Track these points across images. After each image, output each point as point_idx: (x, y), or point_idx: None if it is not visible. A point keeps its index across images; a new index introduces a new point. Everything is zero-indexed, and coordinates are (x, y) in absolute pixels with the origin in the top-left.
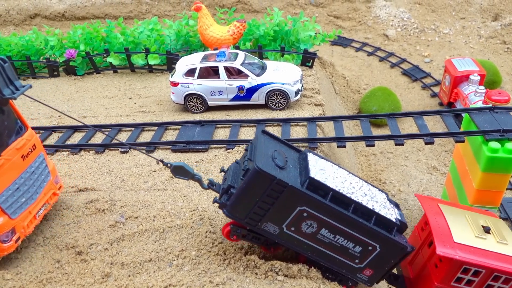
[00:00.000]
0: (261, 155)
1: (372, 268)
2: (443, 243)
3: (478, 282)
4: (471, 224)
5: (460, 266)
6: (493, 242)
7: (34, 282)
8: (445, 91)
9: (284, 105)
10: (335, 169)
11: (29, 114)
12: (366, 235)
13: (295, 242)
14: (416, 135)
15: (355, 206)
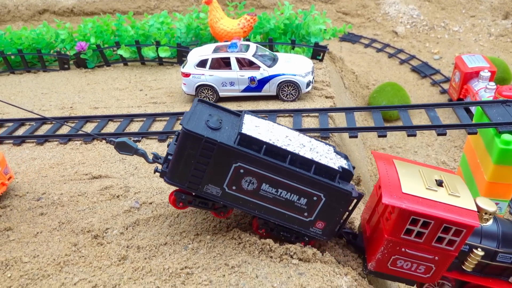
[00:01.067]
0: (192, 120)
1: (323, 220)
2: (390, 194)
3: (428, 234)
4: (424, 177)
5: (408, 216)
6: (444, 194)
7: (52, 264)
8: (455, 87)
9: (295, 96)
10: (271, 126)
11: (41, 105)
12: (308, 185)
13: (240, 201)
14: (428, 126)
15: (292, 157)
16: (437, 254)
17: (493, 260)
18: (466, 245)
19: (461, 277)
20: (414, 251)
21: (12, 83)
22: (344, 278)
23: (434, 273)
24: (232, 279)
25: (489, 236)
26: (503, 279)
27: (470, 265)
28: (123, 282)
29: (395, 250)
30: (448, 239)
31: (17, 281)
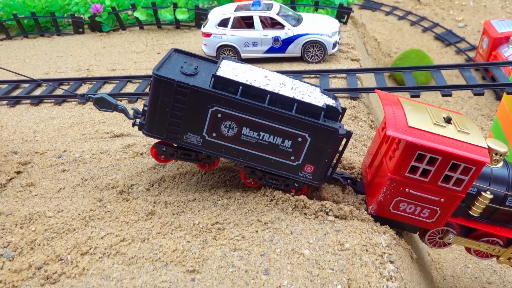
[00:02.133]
0: (166, 67)
1: (311, 163)
2: (395, 127)
3: (434, 172)
4: (432, 114)
5: (414, 151)
6: (453, 130)
7: (77, 219)
8: (482, 54)
9: (321, 57)
10: (249, 68)
11: (57, 68)
12: (291, 125)
13: (223, 149)
14: (464, 86)
15: (272, 97)
16: (443, 196)
17: (502, 205)
18: (473, 188)
19: (467, 223)
20: (418, 192)
21: (26, 47)
22: (383, 236)
23: (438, 217)
24: (266, 235)
25: (498, 179)
26: (511, 227)
27: (478, 210)
28: (152, 236)
29: (398, 191)
30: (455, 178)
31: (41, 234)
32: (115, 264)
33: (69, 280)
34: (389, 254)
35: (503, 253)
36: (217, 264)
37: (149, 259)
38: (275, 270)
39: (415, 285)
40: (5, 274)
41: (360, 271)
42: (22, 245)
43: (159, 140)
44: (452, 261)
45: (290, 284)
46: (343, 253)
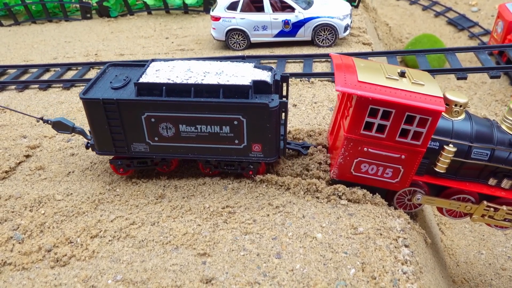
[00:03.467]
0: (98, 85)
1: (257, 142)
2: (344, 82)
3: (390, 127)
4: (385, 70)
5: (366, 106)
6: (406, 83)
7: (86, 202)
8: (497, 38)
9: (332, 41)
10: (173, 65)
11: (65, 53)
12: (222, 111)
13: (170, 150)
14: (480, 69)
15: (196, 89)
16: (403, 152)
17: (467, 158)
18: (436, 142)
19: (434, 181)
20: (377, 150)
21: (34, 32)
22: (397, 220)
23: (403, 176)
24: (278, 219)
25: (461, 131)
26: (482, 182)
27: (443, 166)
28: (162, 219)
29: (357, 151)
30: (413, 131)
31: (51, 217)
32: (125, 247)
33: (79, 262)
34: (403, 238)
35: (476, 210)
36: (228, 247)
37: (159, 242)
38: (287, 254)
39: (429, 269)
40: (15, 256)
41: (374, 255)
42: (32, 227)
43: (113, 156)
44: (466, 247)
45: (303, 268)
46: (357, 237)
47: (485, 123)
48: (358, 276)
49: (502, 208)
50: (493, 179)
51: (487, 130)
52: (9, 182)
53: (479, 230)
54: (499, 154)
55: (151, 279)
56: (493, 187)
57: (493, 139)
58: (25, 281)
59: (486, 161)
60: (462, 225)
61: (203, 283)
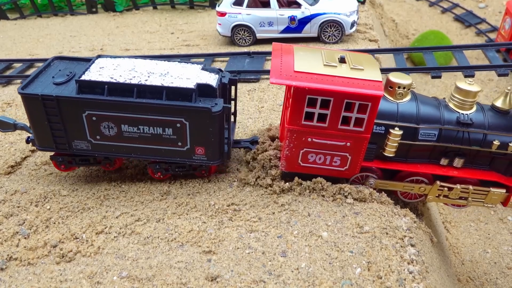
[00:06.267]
0: (40, 79)
1: (200, 145)
2: (279, 74)
3: (331, 115)
4: (324, 57)
5: (303, 96)
6: (345, 69)
7: (92, 198)
8: (504, 35)
9: (338, 38)
10: (120, 62)
11: (70, 47)
12: (165, 113)
13: (113, 149)
14: (488, 66)
15: (139, 89)
16: (348, 139)
17: (415, 140)
18: (381, 127)
19: (385, 165)
20: (322, 140)
21: (40, 26)
22: (403, 219)
23: (351, 163)
24: (283, 217)
25: (406, 113)
26: (434, 163)
27: (391, 149)
28: (167, 216)
29: (301, 141)
30: (354, 117)
31: (56, 213)
32: (130, 243)
33: (85, 258)
34: (409, 237)
35: (430, 191)
36: (234, 245)
37: (165, 239)
38: (292, 252)
39: (435, 269)
40: (21, 251)
41: (380, 254)
42: (38, 223)
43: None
44: (471, 246)
45: (308, 266)
46: (363, 236)
47: (432, 102)
48: (364, 276)
49: (456, 187)
50: (444, 159)
51: (434, 110)
52: (14, 177)
53: (485, 228)
54: (447, 134)
55: (156, 276)
56: (446, 167)
57: (440, 119)
58: (30, 277)
59: (434, 141)
60: (467, 223)
61: (208, 280)
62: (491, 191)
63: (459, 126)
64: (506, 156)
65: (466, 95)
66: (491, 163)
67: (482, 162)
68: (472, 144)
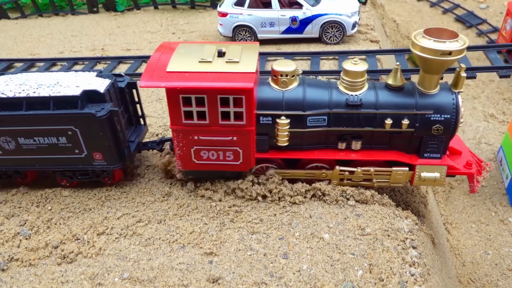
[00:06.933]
0: None
1: (96, 151)
2: (149, 76)
3: (209, 112)
4: (204, 52)
5: (177, 96)
6: (220, 63)
7: (93, 199)
8: (505, 36)
9: (340, 39)
10: (12, 77)
11: (71, 47)
12: (54, 122)
13: (18, 162)
14: (489, 68)
15: (28, 102)
16: (233, 134)
17: (304, 127)
18: (268, 117)
19: (281, 155)
20: (207, 137)
21: (41, 26)
22: (405, 221)
23: (244, 157)
24: (284, 218)
25: (292, 101)
26: (332, 148)
27: (283, 138)
28: (169, 218)
29: (189, 140)
30: (233, 112)
31: (58, 213)
32: (131, 244)
33: (86, 259)
34: (411, 239)
35: (332, 176)
36: (235, 247)
37: (166, 241)
38: (294, 254)
39: (437, 271)
40: (22, 252)
41: (382, 257)
42: (39, 223)
43: None
44: (472, 247)
45: (310, 269)
46: (364, 238)
47: (322, 86)
48: (366, 278)
49: (357, 170)
50: (341, 143)
51: (322, 95)
52: None
53: (486, 230)
54: (337, 117)
55: (157, 278)
56: (344, 151)
57: (329, 103)
58: (32, 277)
59: (325, 126)
60: (468, 225)
61: (209, 282)
62: (393, 171)
63: (348, 109)
64: (403, 134)
65: (354, 76)
66: (390, 143)
67: (382, 142)
68: (365, 125)
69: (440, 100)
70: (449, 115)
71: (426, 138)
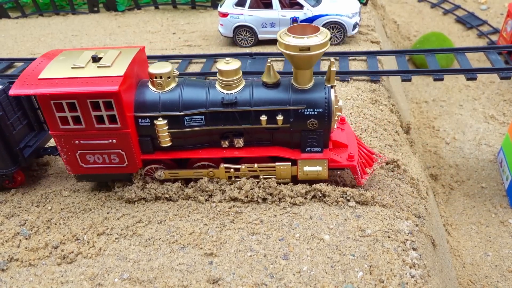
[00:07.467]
0: None
1: None
2: (21, 84)
3: (83, 116)
4: (80, 58)
5: (48, 102)
6: (92, 68)
7: (93, 199)
8: (506, 37)
9: (340, 39)
10: None
11: (72, 47)
12: None
13: None
14: (490, 69)
15: None
16: (111, 137)
17: (183, 127)
18: (146, 119)
19: (166, 155)
20: (88, 141)
21: (41, 25)
22: (405, 222)
23: (129, 159)
24: (285, 220)
25: (168, 103)
26: (217, 146)
27: (165, 139)
28: (169, 218)
29: (70, 145)
30: (106, 115)
31: (58, 213)
32: (131, 245)
33: (86, 260)
34: (411, 241)
35: (219, 174)
36: (235, 247)
37: (166, 241)
38: (294, 255)
39: (437, 272)
40: (22, 252)
41: (382, 258)
42: (39, 224)
43: None
44: (472, 249)
45: (310, 270)
46: (364, 239)
47: (200, 86)
48: (366, 279)
49: (241, 167)
50: (223, 141)
51: (199, 95)
52: None
53: (486, 231)
54: (214, 116)
55: (157, 278)
56: (228, 149)
57: (205, 102)
58: (31, 278)
59: (204, 125)
60: (468, 226)
61: (209, 283)
62: (277, 166)
63: (224, 107)
64: (282, 130)
65: (227, 75)
66: (273, 139)
67: (264, 139)
68: (241, 122)
69: (313, 95)
70: (321, 109)
71: (304, 133)
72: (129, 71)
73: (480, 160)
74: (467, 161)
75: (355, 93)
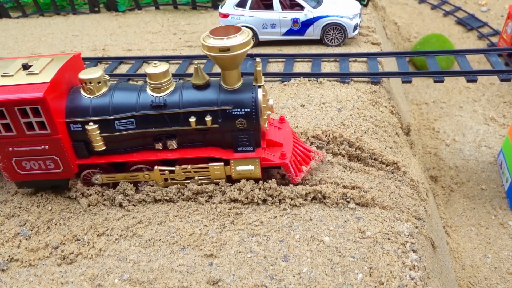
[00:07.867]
0: None
1: None
2: None
3: (13, 123)
4: (11, 66)
5: None
6: (20, 76)
7: None
8: (506, 39)
9: (341, 41)
10: None
11: (72, 47)
12: None
13: None
14: (490, 71)
15: None
16: (43, 143)
17: (114, 131)
18: (77, 124)
19: (101, 159)
20: (21, 147)
21: (42, 25)
22: (405, 224)
23: (64, 164)
24: (285, 221)
25: (98, 107)
26: (151, 149)
27: (98, 144)
28: (169, 219)
29: (5, 152)
30: (35, 121)
31: (58, 214)
32: (131, 246)
33: (86, 260)
34: (411, 243)
35: (154, 176)
36: (235, 249)
37: (166, 242)
38: (294, 257)
39: (437, 274)
40: (22, 252)
41: (382, 260)
42: (39, 224)
43: None
44: (472, 251)
45: (310, 272)
46: (364, 241)
47: (131, 90)
48: (366, 281)
49: (176, 169)
50: (157, 143)
51: (130, 98)
52: None
53: (485, 233)
54: (144, 119)
55: (157, 279)
56: (161, 151)
57: (135, 106)
58: (31, 278)
59: (135, 129)
60: (468, 228)
61: (209, 284)
62: (210, 167)
63: (153, 110)
64: (212, 130)
65: (156, 78)
66: (205, 140)
67: (196, 140)
68: (171, 124)
69: (240, 95)
70: (248, 109)
71: (235, 133)
72: (58, 78)
73: (480, 162)
74: (467, 163)
75: (355, 95)
